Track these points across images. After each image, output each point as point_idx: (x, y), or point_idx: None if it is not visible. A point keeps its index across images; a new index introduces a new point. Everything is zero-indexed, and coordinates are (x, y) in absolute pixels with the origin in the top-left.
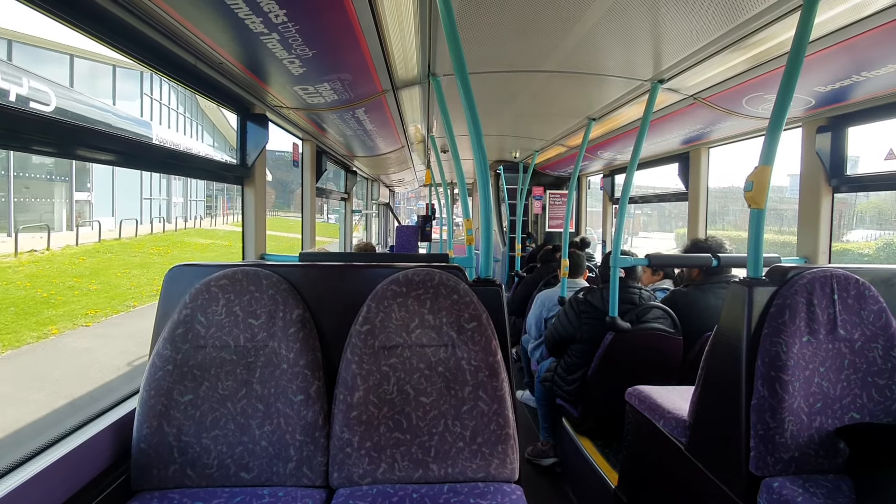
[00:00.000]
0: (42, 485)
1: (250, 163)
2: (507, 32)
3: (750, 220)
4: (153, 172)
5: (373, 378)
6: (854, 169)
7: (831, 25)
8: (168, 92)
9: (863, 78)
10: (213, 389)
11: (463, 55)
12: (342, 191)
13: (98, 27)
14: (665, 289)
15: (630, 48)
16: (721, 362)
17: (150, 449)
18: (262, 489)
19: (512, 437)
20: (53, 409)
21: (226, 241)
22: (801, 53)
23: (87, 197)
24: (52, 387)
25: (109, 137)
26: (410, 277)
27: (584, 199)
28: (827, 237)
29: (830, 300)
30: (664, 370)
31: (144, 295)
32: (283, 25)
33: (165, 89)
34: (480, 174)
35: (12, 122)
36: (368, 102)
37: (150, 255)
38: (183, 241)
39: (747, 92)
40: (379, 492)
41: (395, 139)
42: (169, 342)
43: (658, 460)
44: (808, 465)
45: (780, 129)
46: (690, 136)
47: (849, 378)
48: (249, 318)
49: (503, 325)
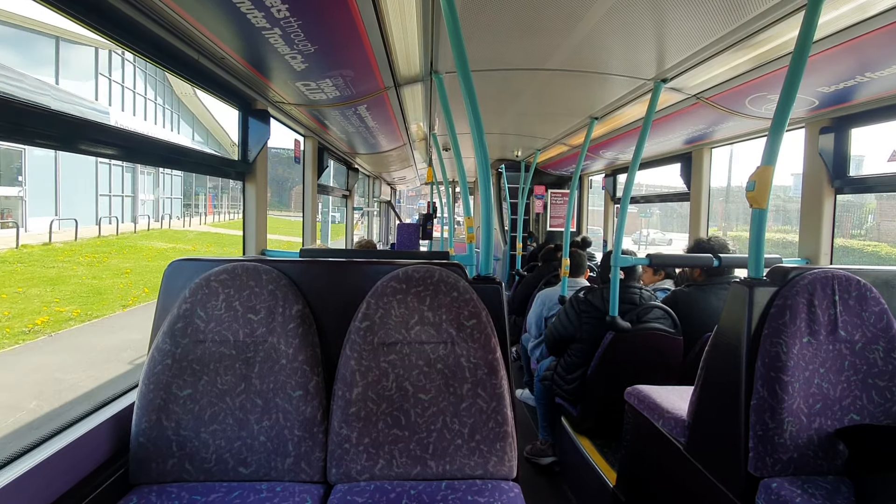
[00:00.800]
0: (41, 477)
1: (252, 158)
2: (509, 30)
3: (751, 220)
4: (156, 167)
5: (372, 374)
6: (859, 169)
7: (836, 25)
8: (133, 73)
9: (867, 79)
10: (212, 384)
11: (465, 53)
12: (344, 188)
13: (100, 21)
14: (666, 289)
15: (633, 47)
16: (721, 362)
17: (148, 443)
18: (261, 484)
19: (510, 434)
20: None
21: (190, 245)
22: (804, 54)
23: (18, 192)
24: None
25: (112, 132)
26: (410, 274)
27: (585, 199)
28: (829, 238)
29: (831, 301)
30: (664, 370)
31: (17, 330)
32: (286, 21)
33: (129, 70)
34: (482, 172)
35: (16, 116)
36: (370, 99)
37: (75, 267)
38: (136, 245)
39: (750, 92)
40: (377, 488)
41: (396, 136)
42: (168, 336)
43: (657, 460)
44: (807, 466)
45: (783, 130)
46: (693, 136)
47: (849, 379)
48: (249, 314)
49: (503, 322)
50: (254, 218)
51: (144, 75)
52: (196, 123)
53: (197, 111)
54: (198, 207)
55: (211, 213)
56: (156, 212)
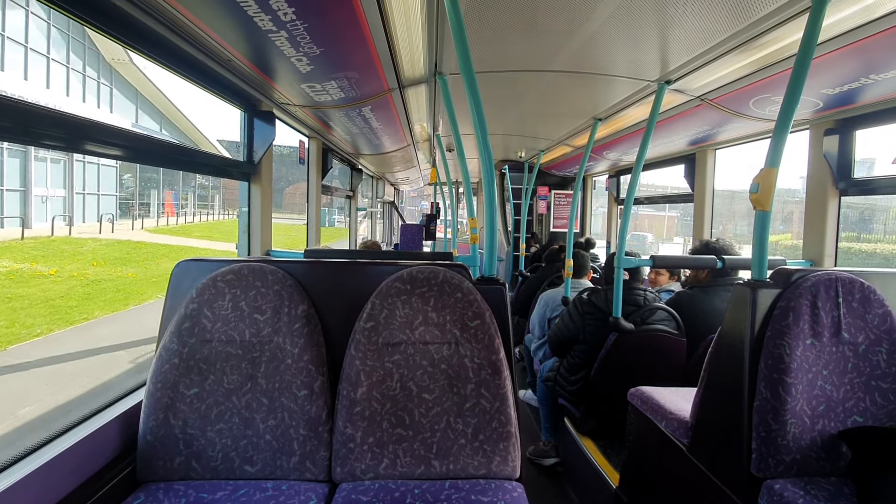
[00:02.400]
0: (50, 475)
1: (257, 160)
2: (513, 32)
3: (755, 222)
4: (161, 168)
5: (376, 374)
6: (871, 171)
7: (840, 27)
8: (26, 23)
9: (871, 81)
10: (218, 383)
11: (469, 54)
12: (347, 188)
13: (109, 23)
14: (670, 290)
15: (637, 48)
16: (724, 364)
17: (156, 441)
18: (266, 482)
19: (514, 434)
20: None
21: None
22: (808, 55)
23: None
24: None
25: (117, 133)
26: (415, 275)
27: (589, 200)
28: (833, 240)
29: (835, 303)
30: (667, 371)
31: None
32: (292, 23)
33: (19, 17)
34: (486, 173)
35: (25, 118)
36: (375, 101)
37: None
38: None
39: (755, 94)
40: (381, 487)
41: (400, 137)
42: (176, 336)
43: (659, 461)
44: (810, 467)
45: (787, 132)
46: (697, 137)
47: (852, 381)
48: (255, 314)
49: (506, 323)
50: (259, 218)
51: (47, 27)
52: (141, 100)
53: (141, 85)
54: (146, 208)
55: (172, 215)
56: (68, 211)
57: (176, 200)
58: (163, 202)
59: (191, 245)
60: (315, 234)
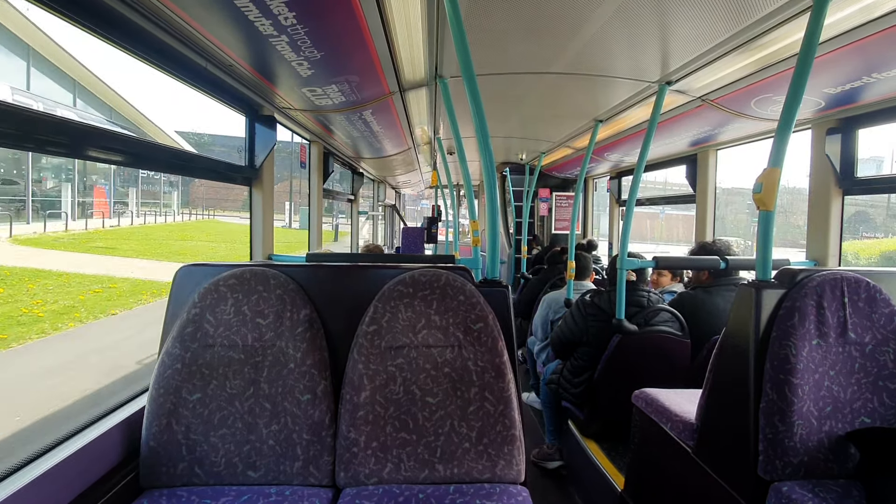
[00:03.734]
0: (53, 482)
1: (258, 164)
2: (514, 34)
3: (759, 221)
4: (163, 174)
5: (379, 378)
6: (880, 170)
7: (842, 26)
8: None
9: (873, 79)
10: (221, 388)
11: (470, 57)
12: (349, 192)
13: (109, 29)
14: (673, 291)
15: (638, 50)
16: (729, 365)
17: (158, 447)
18: (270, 488)
19: (518, 438)
20: None
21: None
22: (810, 55)
23: None
24: None
25: (118, 139)
26: (417, 278)
27: (590, 202)
28: (837, 240)
29: (840, 303)
30: (671, 373)
31: None
32: (293, 28)
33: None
34: (487, 176)
35: (27, 125)
36: (375, 104)
37: None
38: None
39: (756, 94)
40: (385, 492)
41: (401, 141)
42: (178, 341)
43: (665, 464)
44: (818, 469)
45: (790, 131)
46: (698, 137)
47: (859, 382)
48: (257, 318)
49: (509, 326)
50: (260, 222)
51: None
52: (33, 56)
53: (38, 42)
54: (54, 205)
55: (108, 216)
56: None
57: (110, 198)
58: (79, 200)
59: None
60: (317, 237)
